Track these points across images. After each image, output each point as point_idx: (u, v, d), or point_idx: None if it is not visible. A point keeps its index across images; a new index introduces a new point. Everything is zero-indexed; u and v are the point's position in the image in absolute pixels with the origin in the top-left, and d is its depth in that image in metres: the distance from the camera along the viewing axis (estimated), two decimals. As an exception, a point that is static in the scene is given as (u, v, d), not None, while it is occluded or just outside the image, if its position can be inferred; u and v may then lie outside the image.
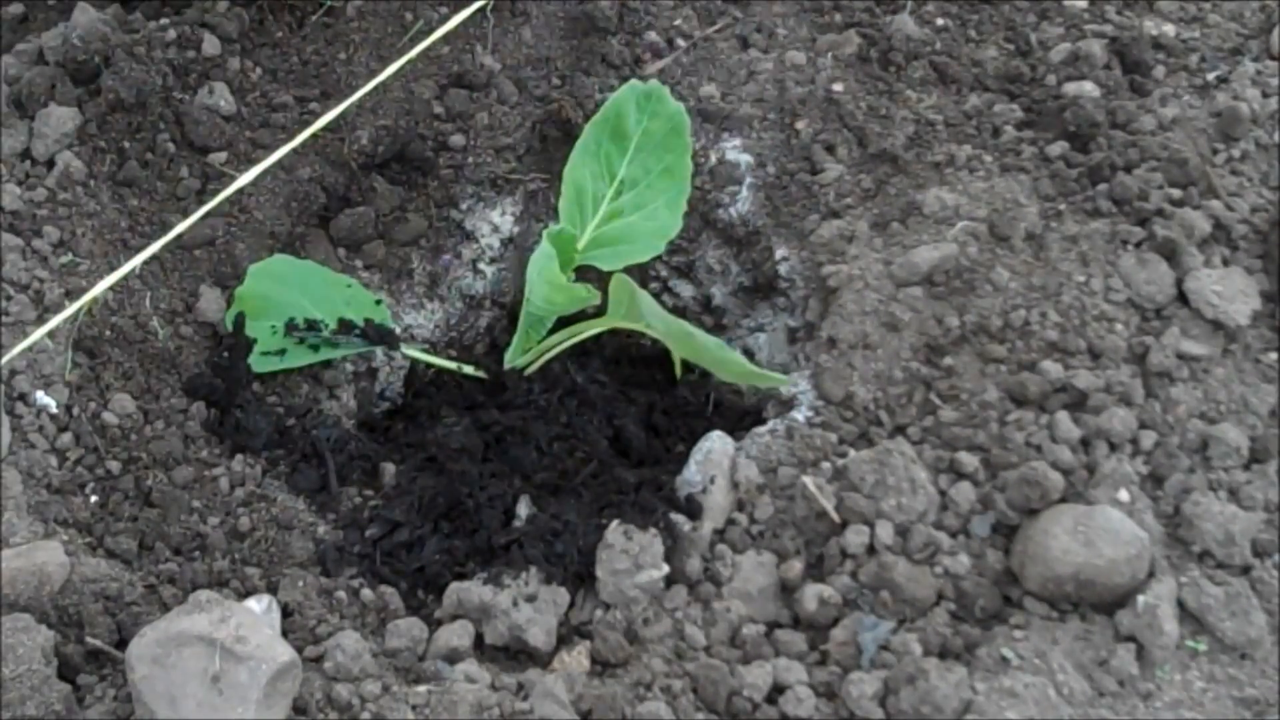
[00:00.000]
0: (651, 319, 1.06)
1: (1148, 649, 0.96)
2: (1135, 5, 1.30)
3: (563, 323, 1.16)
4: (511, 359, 1.17)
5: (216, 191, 1.12)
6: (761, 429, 1.09)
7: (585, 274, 1.15)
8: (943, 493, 1.03)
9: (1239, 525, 1.00)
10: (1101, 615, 0.98)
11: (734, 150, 1.27)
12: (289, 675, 0.90)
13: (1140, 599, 0.97)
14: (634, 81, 1.17)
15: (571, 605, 1.02)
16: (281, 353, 1.19)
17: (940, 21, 1.32)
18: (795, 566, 1.02)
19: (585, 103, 1.29)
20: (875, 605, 0.99)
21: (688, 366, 1.20)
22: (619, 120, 1.15)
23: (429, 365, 1.24)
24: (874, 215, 1.21)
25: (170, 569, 1.04)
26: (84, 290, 1.12)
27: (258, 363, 1.17)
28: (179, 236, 0.98)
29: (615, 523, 1.03)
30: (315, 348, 1.19)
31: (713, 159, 1.27)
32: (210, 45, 1.28)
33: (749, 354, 1.24)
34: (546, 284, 1.09)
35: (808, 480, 1.04)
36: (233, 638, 0.88)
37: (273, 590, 1.02)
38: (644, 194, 1.16)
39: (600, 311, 1.11)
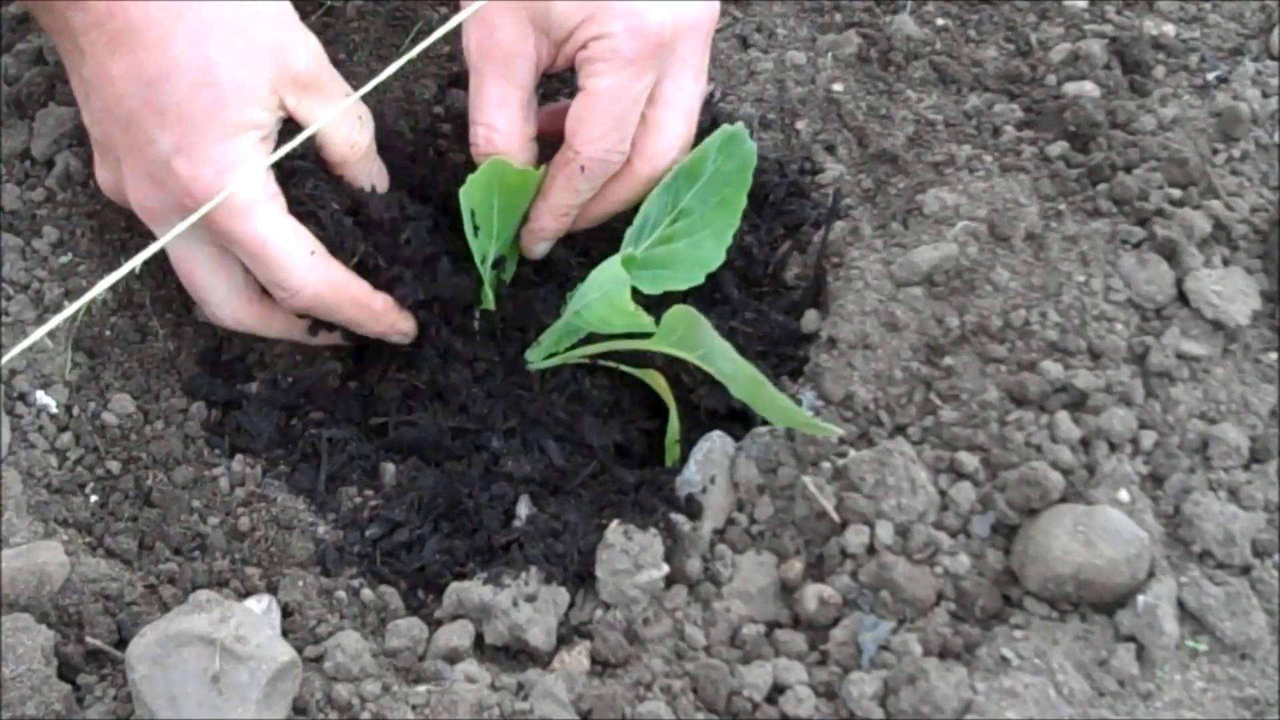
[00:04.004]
0: (720, 361, 1.04)
1: (1148, 649, 0.96)
2: (1135, 5, 1.30)
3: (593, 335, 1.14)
4: (535, 360, 1.16)
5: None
6: (761, 429, 1.09)
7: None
8: (943, 493, 1.03)
9: (1239, 525, 1.00)
10: (1101, 615, 0.98)
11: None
12: (289, 675, 0.90)
13: (1140, 599, 0.97)
14: (726, 125, 1.14)
15: (571, 605, 1.02)
16: None
17: (940, 21, 1.32)
18: (795, 566, 1.02)
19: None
20: (875, 605, 0.99)
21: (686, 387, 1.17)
22: (700, 161, 1.13)
23: None
24: (874, 215, 1.21)
25: (170, 569, 1.04)
26: (84, 290, 1.12)
27: None
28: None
29: (615, 523, 1.03)
30: None
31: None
32: (210, 45, 1.28)
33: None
34: (610, 307, 1.07)
35: (808, 480, 1.04)
36: (233, 638, 0.88)
37: (273, 590, 1.02)
38: (695, 223, 1.14)
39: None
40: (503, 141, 1.11)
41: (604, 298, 1.08)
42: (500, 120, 1.11)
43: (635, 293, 1.10)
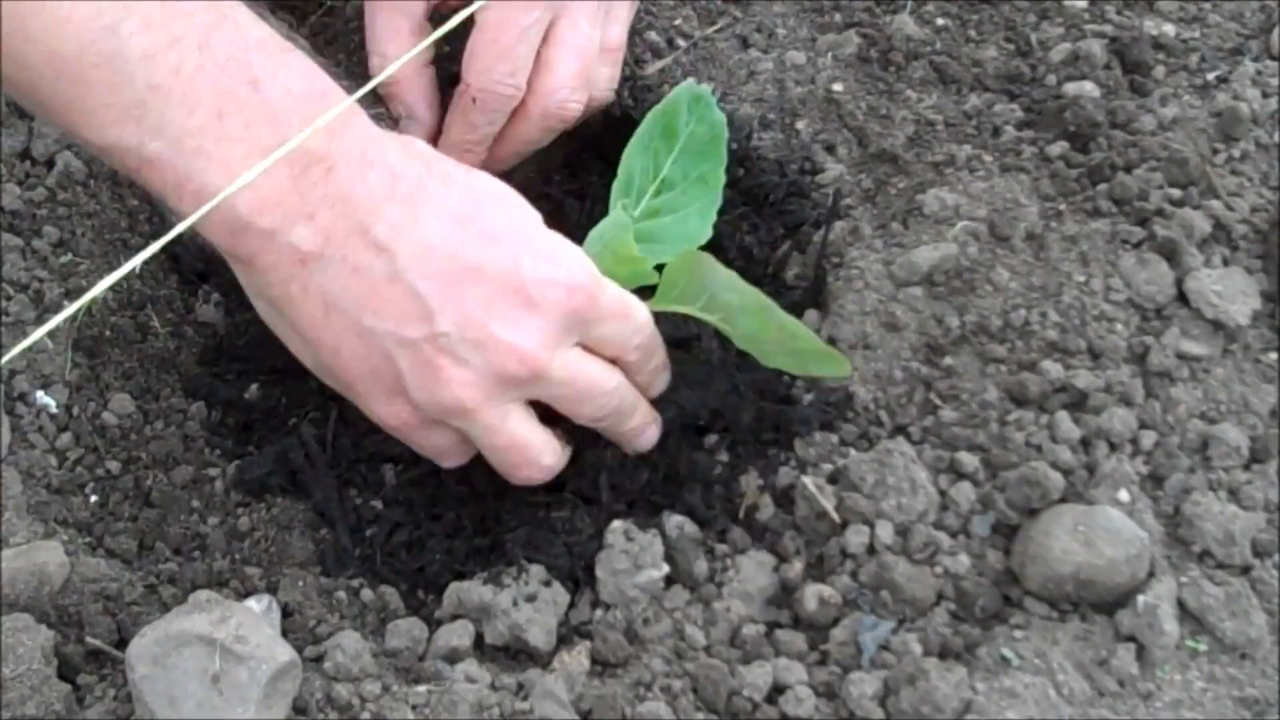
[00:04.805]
0: (725, 291, 1.04)
1: (1148, 649, 0.96)
2: (1135, 5, 1.30)
3: None
4: None
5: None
6: (762, 429, 1.09)
7: None
8: (943, 493, 1.03)
9: (1239, 525, 1.00)
10: (1101, 615, 0.98)
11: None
12: (289, 675, 0.90)
13: (1140, 599, 0.97)
14: (690, 81, 1.15)
15: (571, 605, 1.02)
16: None
17: (940, 21, 1.32)
18: (795, 566, 1.02)
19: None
20: (875, 605, 0.99)
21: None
22: (672, 116, 1.13)
23: None
24: (874, 215, 1.21)
25: (170, 569, 1.04)
26: (84, 290, 1.12)
27: None
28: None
29: (615, 523, 1.03)
30: None
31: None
32: (210, 45, 1.28)
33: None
34: (612, 255, 1.06)
35: (808, 480, 1.04)
36: (233, 638, 0.88)
37: (273, 590, 1.02)
38: (679, 199, 1.14)
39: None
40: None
41: (607, 247, 1.07)
42: (391, 48, 1.14)
43: None
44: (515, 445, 1.02)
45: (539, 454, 1.03)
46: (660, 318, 1.08)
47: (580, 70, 1.14)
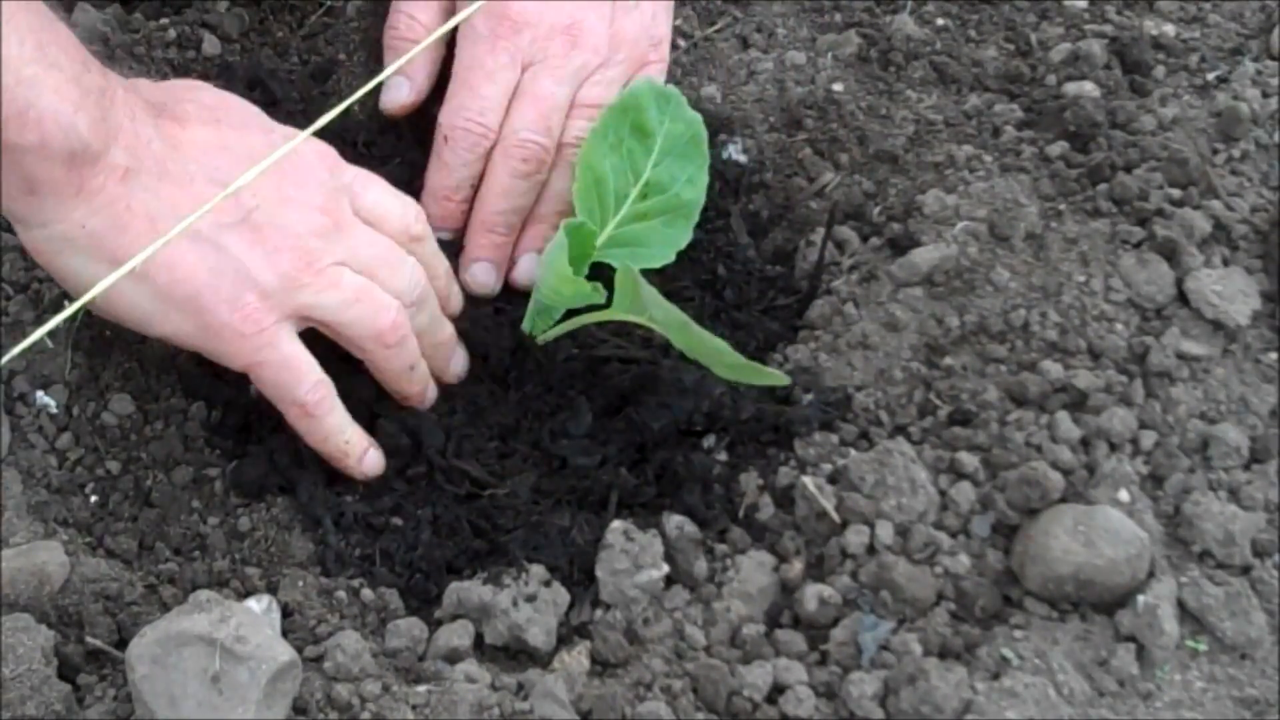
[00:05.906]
0: (652, 308, 1.04)
1: (1148, 649, 0.97)
2: (1135, 5, 1.30)
3: (570, 314, 1.14)
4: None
5: (216, 191, 1.12)
6: (762, 429, 1.09)
7: (599, 271, 1.13)
8: (943, 493, 1.03)
9: (1239, 525, 1.00)
10: (1101, 615, 0.98)
11: (735, 150, 1.27)
12: (289, 675, 0.90)
13: (1140, 599, 0.97)
14: (649, 77, 1.15)
15: (571, 605, 1.02)
16: None
17: (940, 21, 1.32)
18: (795, 566, 1.02)
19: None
20: (875, 605, 0.99)
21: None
22: (639, 114, 1.13)
23: None
24: (874, 215, 1.21)
25: (170, 569, 1.04)
26: (84, 290, 1.12)
27: None
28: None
29: (615, 523, 1.03)
30: None
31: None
32: (210, 45, 1.28)
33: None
34: (556, 275, 1.07)
35: (808, 480, 1.04)
36: (233, 638, 0.88)
37: (273, 590, 1.02)
38: (669, 202, 1.15)
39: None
40: (423, 31, 1.19)
41: (549, 267, 1.08)
42: (422, 14, 1.20)
43: (607, 269, 1.11)
44: (361, 291, 1.05)
45: (386, 297, 1.06)
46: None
47: (538, 117, 1.16)
